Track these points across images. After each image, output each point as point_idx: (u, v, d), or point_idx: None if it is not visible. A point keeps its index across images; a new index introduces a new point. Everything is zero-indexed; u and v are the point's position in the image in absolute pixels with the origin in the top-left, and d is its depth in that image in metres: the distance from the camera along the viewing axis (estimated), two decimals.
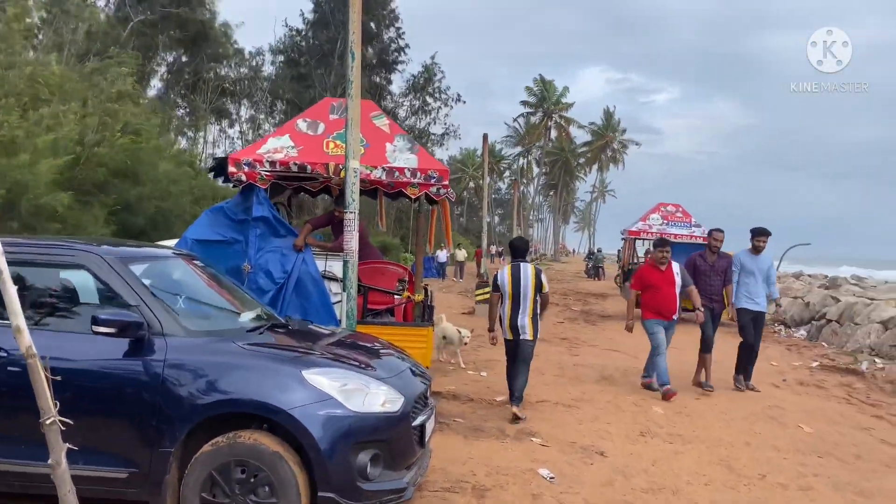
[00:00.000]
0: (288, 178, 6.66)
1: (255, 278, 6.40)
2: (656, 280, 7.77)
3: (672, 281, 7.73)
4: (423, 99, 38.36)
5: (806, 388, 8.81)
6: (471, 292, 19.76)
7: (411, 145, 6.73)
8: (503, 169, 75.59)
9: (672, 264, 7.82)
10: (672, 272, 7.78)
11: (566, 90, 62.08)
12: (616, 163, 70.17)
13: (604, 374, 9.25)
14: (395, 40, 36.64)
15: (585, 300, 22.27)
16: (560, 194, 71.77)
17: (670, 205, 16.98)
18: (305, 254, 6.49)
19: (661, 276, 7.74)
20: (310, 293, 6.43)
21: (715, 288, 8.39)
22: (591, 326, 15.29)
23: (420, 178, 6.43)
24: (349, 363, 4.05)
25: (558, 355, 10.71)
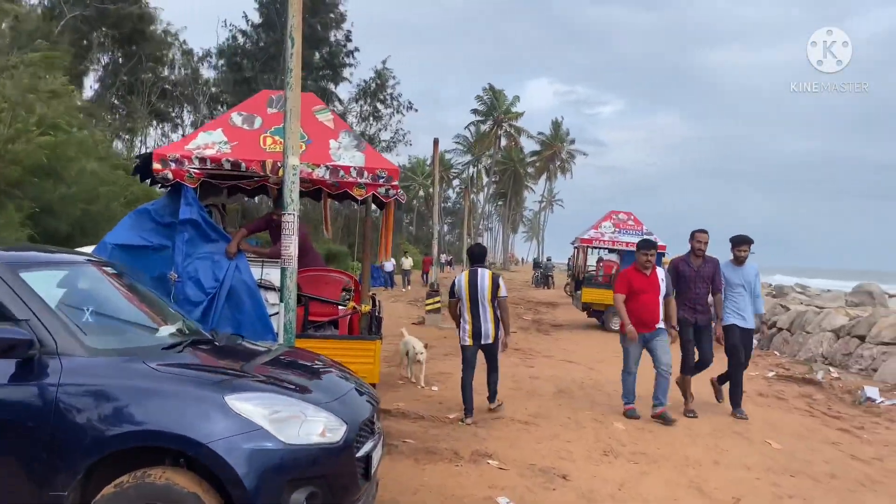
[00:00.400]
0: (220, 177, 6.02)
1: (183, 289, 5.73)
2: (641, 285, 7.03)
3: (656, 287, 7.01)
4: (374, 105, 37.76)
5: (766, 399, 8.57)
6: (420, 301, 19.25)
7: (358, 142, 6.18)
8: (453, 177, 75.44)
9: (657, 269, 7.12)
10: (657, 277, 7.04)
11: (516, 99, 62.47)
12: (564, 173, 70.84)
13: (561, 387, 8.84)
14: (344, 43, 35.99)
15: (536, 309, 22.00)
16: (509, 203, 71.93)
17: (622, 213, 16.82)
18: (239, 260, 5.87)
19: (646, 282, 7.03)
20: (244, 304, 5.81)
21: (700, 296, 7.46)
22: (545, 336, 14.96)
23: (367, 178, 5.88)
24: (283, 386, 3.50)
25: (513, 367, 10.27)
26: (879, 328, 10.61)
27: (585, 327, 16.92)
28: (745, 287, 7.45)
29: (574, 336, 15.13)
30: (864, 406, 8.06)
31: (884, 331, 10.47)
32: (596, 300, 16.40)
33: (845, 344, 11.30)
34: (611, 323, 16.04)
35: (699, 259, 7.49)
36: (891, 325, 10.45)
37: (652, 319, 7.01)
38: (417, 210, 72.58)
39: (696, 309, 7.43)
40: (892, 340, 10.17)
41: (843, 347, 11.27)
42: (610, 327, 16.00)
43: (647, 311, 7.01)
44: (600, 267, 17.79)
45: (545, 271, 36.57)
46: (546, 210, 78.15)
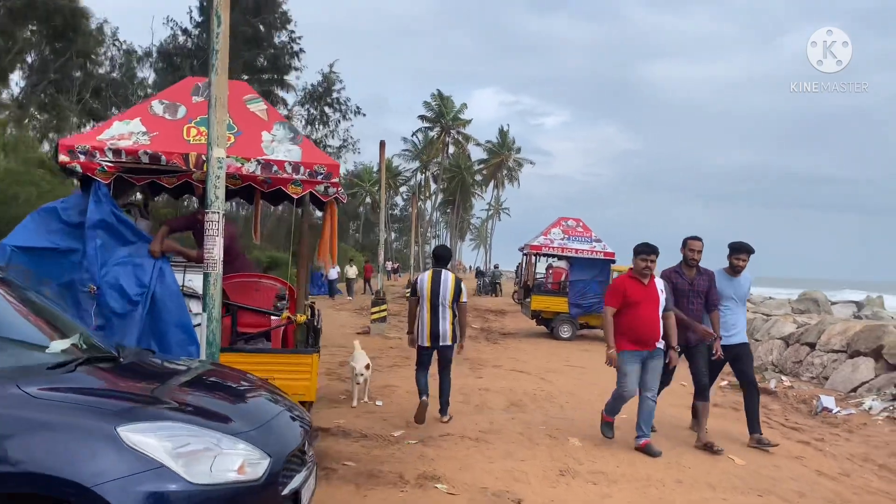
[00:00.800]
0: (138, 172, 5.37)
1: (105, 300, 5.06)
2: (638, 295, 5.96)
3: (656, 298, 5.99)
4: (322, 109, 36.93)
5: (723, 410, 8.33)
6: (366, 311, 18.64)
7: (293, 135, 5.62)
8: (400, 184, 74.83)
9: (655, 279, 6.11)
10: (656, 287, 6.04)
11: (464, 106, 62.25)
12: (511, 181, 71.03)
13: (512, 399, 8.41)
14: (288, 45, 35.10)
15: (485, 317, 21.63)
16: (457, 211, 71.72)
17: (571, 219, 16.61)
18: (162, 263, 5.25)
19: (644, 292, 5.97)
20: (168, 314, 5.18)
21: (695, 313, 6.42)
22: (493, 345, 14.55)
23: (304, 174, 5.33)
24: (195, 413, 2.95)
25: (462, 378, 9.79)
26: (829, 336, 10.55)
27: (535, 335, 16.60)
28: (735, 300, 6.62)
29: (523, 345, 14.78)
30: (821, 416, 7.87)
31: (833, 338, 10.41)
32: (545, 308, 16.10)
33: (795, 351, 11.23)
34: (560, 331, 15.77)
35: (693, 270, 6.49)
36: (839, 333, 10.40)
37: (651, 336, 5.98)
38: (364, 217, 71.68)
39: (689, 327, 6.43)
40: (842, 348, 10.10)
41: (794, 355, 11.20)
42: (559, 335, 15.74)
43: (646, 326, 5.96)
44: (549, 274, 17.54)
45: (493, 279, 36.31)
46: (493, 218, 78.33)
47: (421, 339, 6.88)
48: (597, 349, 14.54)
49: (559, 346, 14.62)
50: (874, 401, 7.98)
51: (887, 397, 7.95)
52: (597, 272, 15.72)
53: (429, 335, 6.81)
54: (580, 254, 15.83)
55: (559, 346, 14.62)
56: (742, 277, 6.64)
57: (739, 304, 6.67)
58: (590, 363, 12.12)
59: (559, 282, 16.67)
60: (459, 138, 62.98)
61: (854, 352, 9.74)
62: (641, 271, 6.03)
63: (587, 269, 15.71)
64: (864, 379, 9.08)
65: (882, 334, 9.35)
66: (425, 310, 6.81)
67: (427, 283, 6.83)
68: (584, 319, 16.03)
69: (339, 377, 9.51)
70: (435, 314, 6.79)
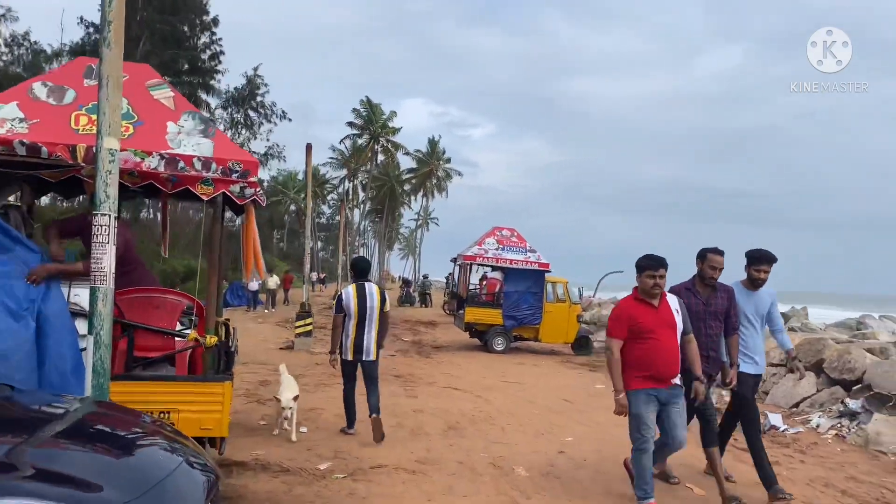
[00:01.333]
0: (13, 166, 4.49)
1: None
2: (648, 321, 4.75)
3: (671, 323, 4.79)
4: (245, 113, 35.56)
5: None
6: (290, 324, 17.68)
7: (205, 127, 4.85)
8: (327, 192, 73.35)
9: (668, 297, 4.91)
10: (670, 309, 4.84)
11: (393, 114, 61.41)
12: (440, 191, 70.67)
13: (449, 422, 7.78)
14: (210, 46, 33.68)
15: (415, 329, 20.97)
16: (385, 220, 70.79)
17: (505, 229, 16.18)
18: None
19: (655, 317, 4.77)
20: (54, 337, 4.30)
21: (712, 339, 5.33)
22: (426, 360, 13.90)
23: (216, 172, 4.57)
24: (57, 482, 2.20)
25: (394, 398, 9.12)
26: (767, 350, 10.41)
27: (468, 348, 16.06)
28: (754, 319, 5.53)
29: (457, 358, 14.20)
30: (769, 434, 7.58)
31: (771, 352, 10.25)
32: (479, 320, 15.60)
33: None
34: (494, 344, 15.29)
35: (709, 288, 5.39)
36: (778, 346, 10.25)
37: (669, 371, 4.77)
38: (289, 226, 69.86)
39: (707, 356, 5.28)
40: (781, 361, 9.95)
41: None
42: (493, 348, 15.25)
43: (664, 357, 4.74)
44: (484, 285, 17.06)
45: (423, 289, 35.67)
46: (423, 228, 77.77)
47: (345, 354, 6.79)
48: (531, 362, 14.15)
49: (494, 360, 14.11)
50: (821, 418, 7.78)
51: (834, 414, 7.76)
52: (531, 283, 15.34)
53: (352, 349, 6.75)
54: (515, 264, 15.41)
55: (494, 360, 14.11)
56: (763, 292, 5.55)
57: (758, 324, 5.58)
58: (526, 378, 11.66)
59: (493, 293, 16.22)
60: (389, 146, 62.08)
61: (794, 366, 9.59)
62: (650, 291, 4.80)
63: (521, 280, 15.31)
64: (806, 394, 8.92)
65: (822, 348, 9.24)
66: (351, 324, 6.72)
67: (353, 299, 6.73)
68: (518, 332, 15.62)
69: (259, 399, 8.68)
70: (361, 328, 6.72)
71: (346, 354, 6.79)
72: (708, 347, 5.29)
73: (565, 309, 15.58)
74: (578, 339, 15.84)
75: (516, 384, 10.84)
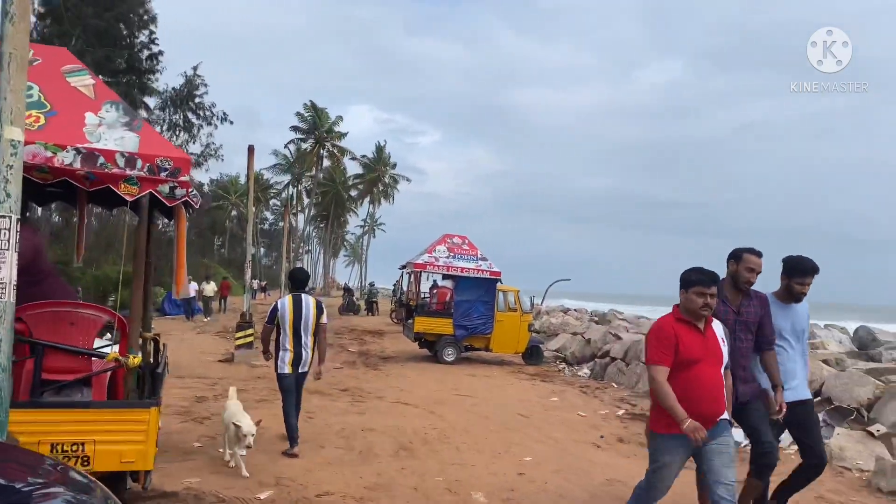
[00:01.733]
0: None
1: None
2: (695, 349, 3.85)
3: (718, 353, 3.92)
4: (184, 115, 34.26)
5: (629, 446, 7.64)
6: (230, 333, 16.89)
7: (129, 119, 4.28)
8: (270, 197, 71.83)
9: (714, 323, 3.99)
10: (716, 337, 3.95)
11: (339, 119, 60.43)
12: (387, 197, 70.03)
13: (401, 441, 7.30)
14: (148, 45, 32.34)
15: (362, 339, 20.36)
16: (331, 226, 69.64)
17: (456, 236, 15.79)
18: None
19: (703, 345, 3.88)
20: None
21: (742, 353, 4.52)
22: (374, 371, 13.37)
23: (142, 170, 4.01)
24: None
25: (341, 415, 8.60)
26: None
27: (417, 359, 15.58)
28: (791, 338, 4.75)
29: (406, 370, 13.70)
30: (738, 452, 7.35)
31: None
32: (429, 329, 15.14)
33: None
34: (444, 354, 14.87)
35: (740, 295, 4.60)
36: None
37: (715, 409, 3.87)
38: (231, 231, 68.11)
39: (737, 375, 4.39)
40: None
41: None
42: (443, 359, 14.83)
43: (708, 393, 3.85)
44: (434, 294, 16.61)
45: (369, 297, 34.99)
46: (369, 234, 76.88)
47: (282, 367, 6.58)
48: (483, 373, 13.78)
49: (445, 371, 13.68)
50: None
51: None
52: (482, 292, 14.99)
53: (291, 362, 6.56)
54: (466, 273, 15.03)
55: (445, 371, 13.68)
56: (799, 307, 4.80)
57: (797, 342, 4.78)
58: (479, 390, 11.27)
59: (444, 302, 15.79)
60: (335, 151, 61.09)
61: None
62: (697, 312, 3.87)
63: (473, 288, 14.94)
64: None
65: None
66: (288, 336, 6.56)
67: (289, 309, 6.57)
68: (469, 341, 15.25)
69: (195, 418, 8.04)
70: (298, 340, 6.57)
71: (284, 368, 6.57)
72: (738, 364, 4.40)
73: (517, 318, 15.29)
74: (530, 348, 15.56)
75: (469, 398, 10.43)
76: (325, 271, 73.95)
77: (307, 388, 10.18)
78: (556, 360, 16.64)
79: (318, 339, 6.73)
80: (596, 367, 14.62)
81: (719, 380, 3.90)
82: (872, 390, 7.54)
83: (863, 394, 7.53)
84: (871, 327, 15.58)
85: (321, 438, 7.24)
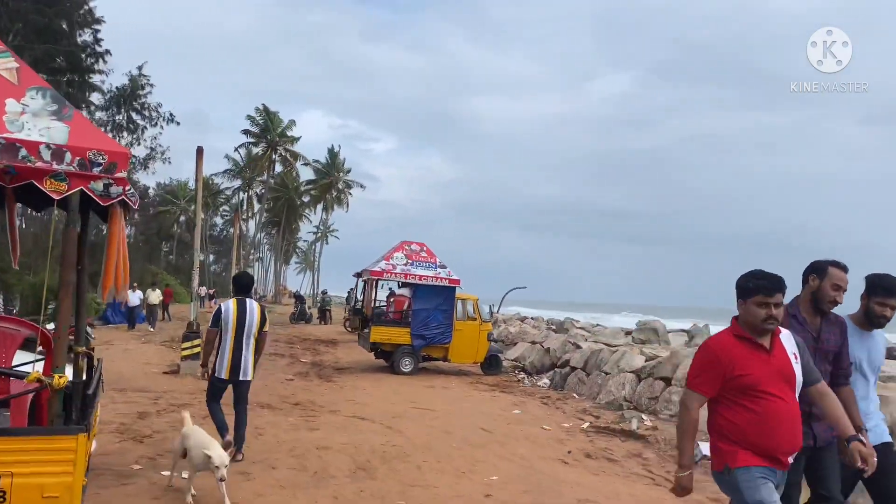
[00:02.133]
0: None
1: None
2: (758, 372, 3.15)
3: (789, 374, 3.20)
4: (128, 114, 33.04)
5: (597, 462, 7.37)
6: (176, 343, 16.12)
7: (58, 107, 3.79)
8: (220, 203, 70.13)
9: (782, 336, 3.28)
10: (786, 354, 3.23)
11: (292, 123, 59.20)
12: (340, 204, 69.02)
13: (358, 460, 6.87)
14: (92, 45, 31.12)
15: (315, 349, 19.77)
16: (283, 233, 68.30)
17: (414, 243, 15.39)
18: None
19: (768, 365, 3.17)
20: None
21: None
22: (328, 384, 12.86)
23: (71, 165, 3.54)
24: None
25: (293, 431, 8.12)
26: (685, 370, 10.13)
27: (373, 370, 15.11)
28: (867, 370, 4.02)
29: (362, 382, 13.23)
30: (701, 465, 7.14)
31: None
32: (386, 339, 14.69)
33: (650, 387, 10.75)
34: (401, 364, 14.45)
35: (819, 317, 3.89)
36: None
37: (790, 444, 3.17)
38: (178, 237, 66.27)
39: (810, 412, 3.60)
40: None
41: (648, 391, 10.71)
42: (400, 370, 14.41)
43: (784, 428, 3.15)
44: (391, 302, 16.15)
45: (323, 305, 34.25)
46: (322, 241, 75.65)
47: (219, 371, 6.44)
48: (441, 384, 13.41)
49: (402, 383, 13.25)
50: None
51: None
52: (441, 300, 14.63)
53: (229, 368, 6.41)
54: (424, 280, 14.65)
55: (402, 383, 13.25)
56: (878, 334, 4.09)
57: (871, 377, 4.05)
58: (438, 403, 10.89)
59: (401, 311, 15.34)
60: (287, 156, 59.89)
61: None
62: (760, 326, 3.21)
63: (431, 296, 14.56)
64: None
65: None
66: (228, 341, 6.41)
67: (233, 314, 6.45)
68: (427, 351, 14.86)
69: (135, 436, 7.47)
70: (238, 346, 6.42)
71: (221, 373, 6.43)
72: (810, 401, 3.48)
73: (476, 327, 14.97)
74: (488, 358, 15.25)
75: (429, 411, 10.04)
76: (276, 278, 72.51)
77: (258, 403, 9.72)
78: (516, 369, 16.37)
79: (258, 347, 6.61)
80: (556, 376, 14.41)
81: (794, 408, 3.18)
82: None
83: None
84: None
85: (272, 458, 6.77)
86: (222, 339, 6.46)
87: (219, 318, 6.50)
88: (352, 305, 24.19)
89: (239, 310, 6.48)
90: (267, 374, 13.03)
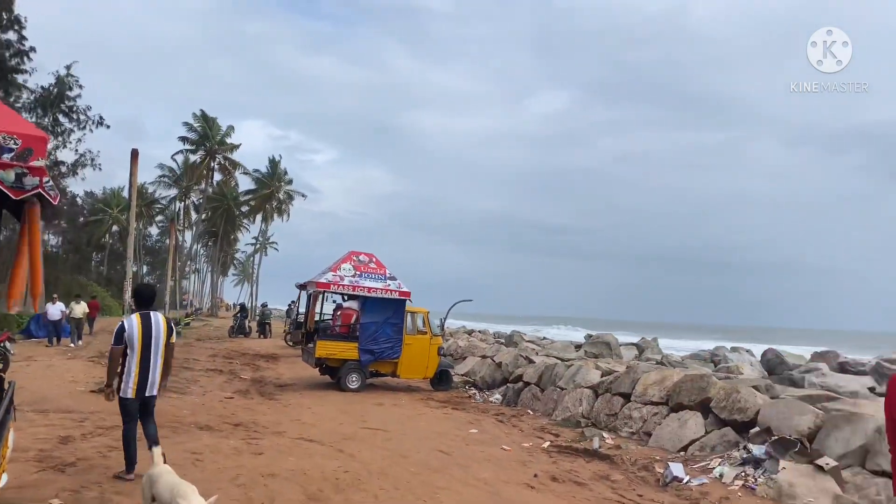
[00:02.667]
0: None
1: None
2: None
3: None
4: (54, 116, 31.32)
5: (565, 486, 6.96)
6: (104, 359, 15.04)
7: None
8: (155, 213, 67.65)
9: None
10: None
11: (231, 129, 57.42)
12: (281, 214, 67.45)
13: (309, 490, 6.27)
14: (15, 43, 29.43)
15: (255, 364, 18.88)
16: (220, 243, 66.24)
17: (363, 254, 14.79)
18: None
19: None
20: None
21: None
22: (270, 402, 12.12)
23: None
24: None
25: (235, 456, 7.44)
26: (644, 386, 9.88)
27: (317, 386, 14.41)
28: None
29: (307, 399, 12.54)
30: (673, 488, 6.84)
31: (650, 389, 9.74)
32: (332, 354, 14.02)
33: (608, 403, 10.46)
34: (348, 381, 13.81)
35: None
36: (656, 383, 9.76)
37: None
38: (111, 248, 63.53)
39: None
40: (661, 399, 9.44)
41: (607, 407, 10.41)
42: (347, 386, 13.76)
43: None
44: (338, 316, 15.46)
45: (262, 318, 33.08)
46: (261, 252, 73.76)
47: (125, 391, 6.11)
48: (390, 401, 12.83)
49: (349, 400, 12.62)
50: (723, 466, 7.14)
51: (736, 461, 7.16)
52: (391, 313, 14.08)
53: (136, 386, 6.08)
54: (374, 293, 14.08)
55: (349, 400, 12.62)
56: None
57: None
58: (390, 423, 10.32)
59: (349, 324, 14.69)
60: (226, 164, 58.12)
61: (676, 404, 9.08)
62: None
63: (380, 309, 13.99)
64: (695, 436, 8.36)
65: (706, 385, 8.78)
66: (135, 359, 6.09)
67: (137, 329, 6.08)
68: (375, 367, 14.26)
69: (56, 465, 6.67)
70: (146, 362, 6.11)
71: (128, 392, 6.10)
72: None
73: (426, 341, 14.47)
74: (439, 373, 14.76)
75: (381, 431, 9.47)
76: (213, 290, 70.29)
77: (195, 424, 8.97)
78: (466, 385, 15.92)
79: (167, 360, 6.34)
80: (508, 392, 14.03)
81: None
82: (813, 419, 7.25)
83: (803, 423, 7.23)
84: (778, 350, 15.85)
85: (213, 488, 6.07)
86: (127, 356, 6.12)
87: (122, 334, 6.09)
88: (293, 319, 23.31)
89: (144, 324, 6.13)
90: (204, 392, 12.21)
